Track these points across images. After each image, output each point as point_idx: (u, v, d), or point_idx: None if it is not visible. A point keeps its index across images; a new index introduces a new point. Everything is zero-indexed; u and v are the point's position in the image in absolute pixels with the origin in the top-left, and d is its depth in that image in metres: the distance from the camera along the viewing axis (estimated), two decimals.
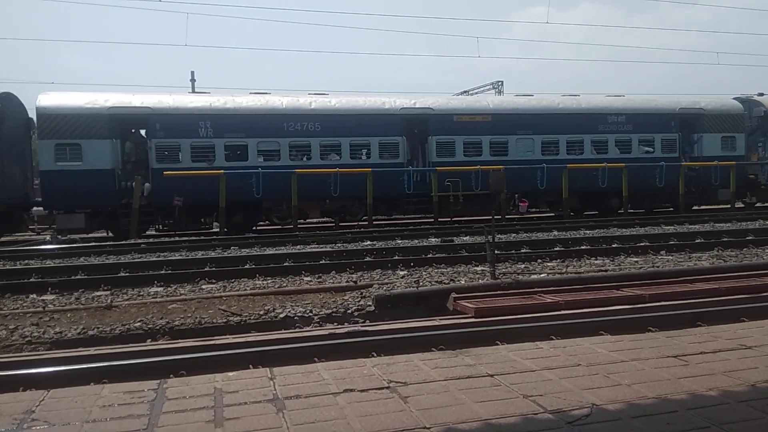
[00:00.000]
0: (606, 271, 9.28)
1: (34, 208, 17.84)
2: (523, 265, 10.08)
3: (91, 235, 17.28)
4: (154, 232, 17.77)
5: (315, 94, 19.30)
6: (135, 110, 17.23)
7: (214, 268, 10.06)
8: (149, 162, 17.23)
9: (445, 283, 8.33)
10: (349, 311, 7.23)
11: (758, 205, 22.63)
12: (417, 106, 19.43)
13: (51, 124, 16.44)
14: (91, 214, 16.73)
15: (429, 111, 19.39)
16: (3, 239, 17.24)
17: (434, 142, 19.31)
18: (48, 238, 16.34)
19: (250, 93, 19.03)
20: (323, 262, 10.53)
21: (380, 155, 18.73)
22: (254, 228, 18.42)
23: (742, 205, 22.54)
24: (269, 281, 9.11)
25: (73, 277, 9.53)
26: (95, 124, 16.66)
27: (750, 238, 12.89)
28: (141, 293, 8.46)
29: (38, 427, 2.95)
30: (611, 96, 21.97)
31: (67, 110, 16.63)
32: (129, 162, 17.50)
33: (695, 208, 22.00)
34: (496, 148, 19.64)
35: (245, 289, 8.46)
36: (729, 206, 21.08)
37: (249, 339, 5.61)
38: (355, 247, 12.58)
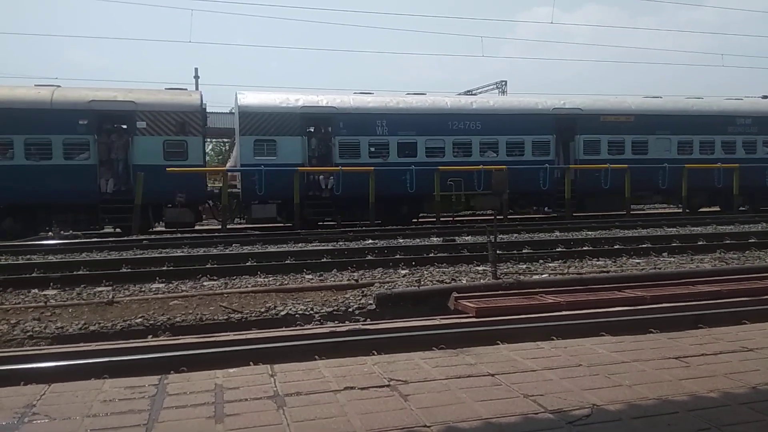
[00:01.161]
0: (608, 272, 9.27)
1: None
2: (524, 266, 10.07)
3: (94, 231, 17.31)
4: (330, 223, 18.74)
5: (413, 94, 20.31)
6: (322, 110, 18.70)
7: (215, 265, 10.07)
8: (333, 157, 18.65)
9: (446, 283, 8.33)
10: (350, 309, 7.23)
11: None
12: (566, 106, 20.69)
13: (251, 121, 17.94)
14: (280, 205, 18.01)
15: (578, 111, 20.64)
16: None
17: (581, 141, 20.56)
18: (51, 233, 16.36)
19: (407, 94, 20.29)
20: (325, 260, 10.53)
21: (533, 153, 20.04)
22: (414, 221, 19.72)
23: None
24: (271, 279, 9.12)
25: (74, 273, 9.53)
26: (289, 122, 18.19)
27: (752, 240, 12.86)
28: (143, 289, 8.47)
29: (39, 421, 2.96)
30: (731, 99, 23.22)
31: (265, 109, 18.19)
32: (314, 157, 18.97)
33: None
34: (637, 147, 20.90)
35: (247, 287, 8.47)
36: None
37: (250, 336, 5.62)
38: (356, 246, 12.59)
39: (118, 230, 17.44)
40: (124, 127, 17.73)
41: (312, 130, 19.22)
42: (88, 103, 16.91)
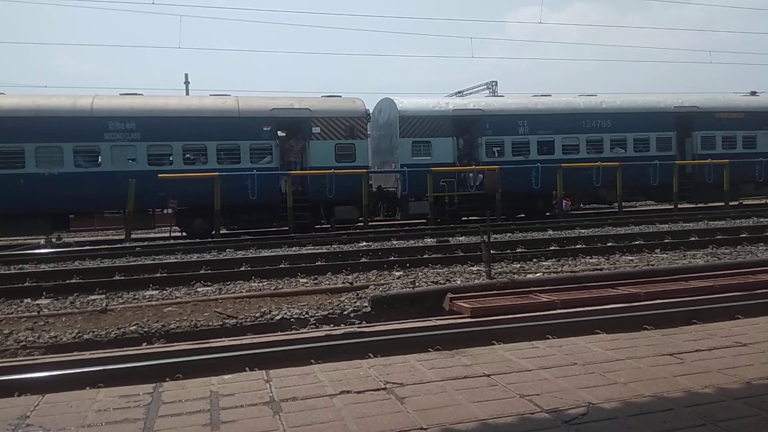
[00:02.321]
0: (601, 269, 9.30)
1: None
2: (518, 265, 10.09)
3: (88, 239, 17.22)
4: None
5: (541, 95, 21.60)
6: (471, 112, 20.29)
7: (209, 271, 10.03)
8: (479, 156, 20.05)
9: (441, 284, 8.33)
10: (346, 312, 7.22)
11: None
12: (685, 104, 21.88)
13: (409, 125, 19.39)
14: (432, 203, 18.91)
15: (695, 109, 21.85)
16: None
17: (699, 137, 21.88)
18: (42, 242, 16.28)
19: (533, 96, 21.51)
20: (319, 263, 10.52)
21: (657, 148, 21.27)
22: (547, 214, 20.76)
23: None
24: (265, 283, 9.10)
25: (67, 281, 9.49)
26: (442, 125, 19.66)
27: (744, 235, 12.95)
28: (136, 296, 8.43)
29: None
30: None
31: (421, 113, 19.59)
32: (463, 156, 20.38)
33: None
34: (746, 141, 22.23)
35: (241, 292, 8.45)
36: None
37: (245, 341, 5.60)
38: (350, 248, 12.57)
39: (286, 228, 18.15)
40: (280, 132, 19.05)
41: (461, 131, 20.57)
42: (270, 111, 18.29)
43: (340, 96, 19.71)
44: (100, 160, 16.95)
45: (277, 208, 17.98)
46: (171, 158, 17.44)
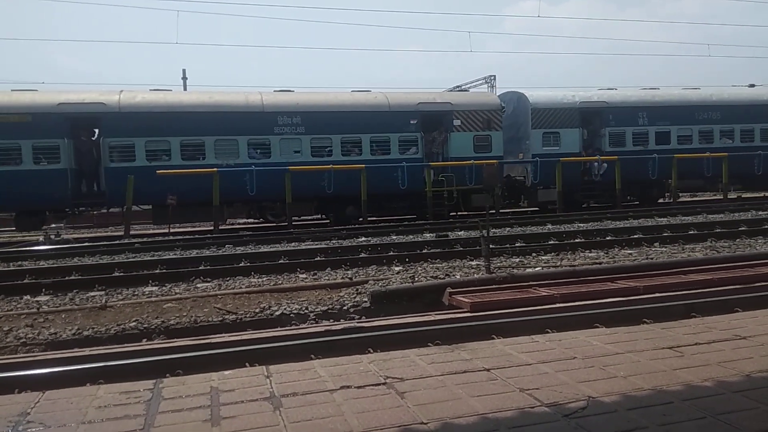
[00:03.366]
0: (600, 263, 9.31)
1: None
2: (517, 259, 10.10)
3: (85, 235, 17.21)
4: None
5: (649, 89, 22.45)
6: (596, 104, 21.00)
7: (209, 267, 10.04)
8: (602, 146, 20.83)
9: (440, 278, 8.34)
10: (345, 308, 7.23)
11: None
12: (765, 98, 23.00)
13: (540, 117, 20.30)
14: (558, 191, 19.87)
15: None
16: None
17: None
18: (41, 239, 16.27)
19: (642, 89, 22.29)
20: (318, 259, 10.52)
21: (741, 140, 22.09)
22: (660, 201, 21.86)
23: None
24: (264, 279, 9.10)
25: (67, 278, 9.48)
26: (569, 116, 20.60)
27: (743, 228, 12.95)
28: (136, 293, 8.43)
29: (34, 429, 2.94)
30: None
31: (550, 105, 20.49)
32: (588, 147, 21.04)
33: None
34: None
35: (240, 288, 8.45)
36: None
37: (245, 337, 5.61)
38: (350, 244, 12.58)
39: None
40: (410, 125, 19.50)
41: (586, 122, 21.33)
42: (417, 105, 19.28)
43: (369, 90, 20.21)
44: (270, 152, 17.96)
45: (423, 197, 18.90)
46: (331, 150, 18.43)
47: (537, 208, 20.68)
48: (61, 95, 16.96)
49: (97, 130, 17.08)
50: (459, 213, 19.48)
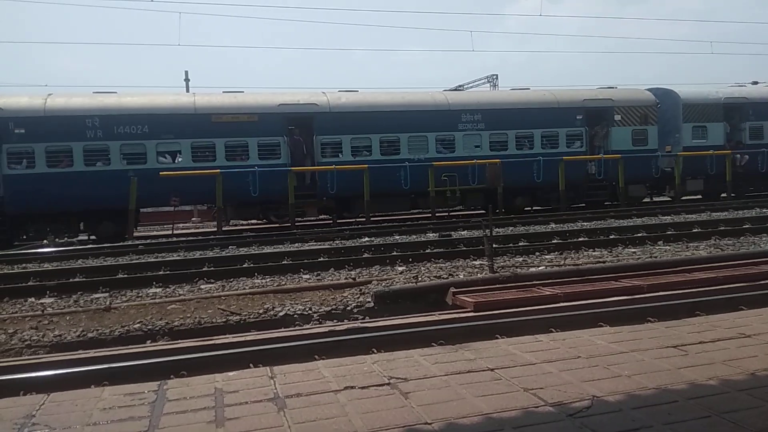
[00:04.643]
0: (604, 262, 9.29)
1: None
2: (521, 259, 10.09)
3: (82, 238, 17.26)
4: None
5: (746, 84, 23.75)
6: (738, 100, 22.13)
7: (212, 268, 10.05)
8: (743, 139, 22.06)
9: (443, 278, 8.33)
10: (349, 308, 7.23)
11: None
12: None
13: (690, 111, 21.45)
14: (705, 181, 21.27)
15: None
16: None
17: None
18: (45, 241, 16.31)
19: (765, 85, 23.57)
20: (322, 259, 10.52)
21: None
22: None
23: None
24: (268, 280, 9.11)
25: (71, 280, 9.51)
26: (714, 111, 21.71)
27: (747, 226, 12.92)
28: (140, 294, 8.44)
29: None
30: None
31: (699, 101, 21.57)
32: (731, 140, 22.01)
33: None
34: None
35: (244, 288, 8.46)
36: None
37: (248, 338, 5.61)
38: (353, 244, 12.57)
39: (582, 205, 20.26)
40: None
41: (728, 116, 22.21)
42: (582, 101, 20.61)
43: (527, 89, 21.49)
44: (454, 147, 19.25)
45: (583, 188, 20.30)
46: (507, 144, 19.68)
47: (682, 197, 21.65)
48: (280, 97, 18.69)
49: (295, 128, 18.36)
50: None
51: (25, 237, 16.74)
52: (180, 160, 17.26)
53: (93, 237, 17.11)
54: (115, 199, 16.19)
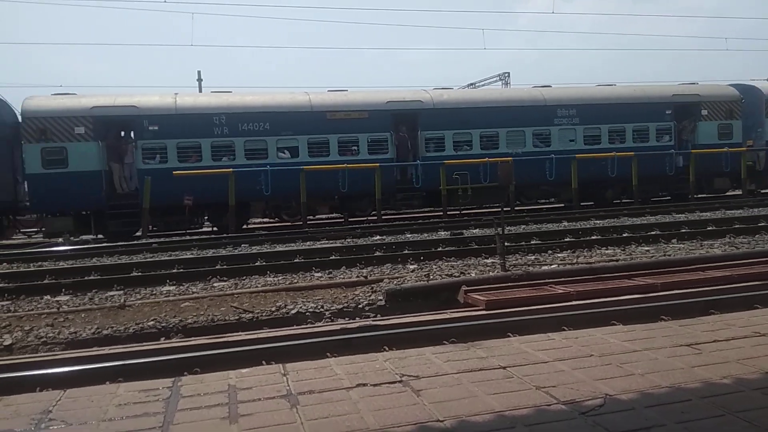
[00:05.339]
0: (617, 260, 9.24)
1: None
2: (533, 257, 10.05)
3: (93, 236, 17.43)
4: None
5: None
6: None
7: (225, 266, 10.10)
8: None
9: (455, 276, 8.33)
10: (360, 306, 7.24)
11: None
12: None
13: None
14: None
15: None
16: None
17: None
18: (61, 240, 16.49)
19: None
20: (333, 257, 10.55)
21: None
22: None
23: None
24: (280, 278, 9.15)
25: (86, 278, 9.60)
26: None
27: (762, 224, 12.78)
28: (154, 292, 8.52)
29: (55, 427, 2.99)
30: None
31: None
32: None
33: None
34: None
35: (256, 286, 8.50)
36: None
37: (261, 336, 5.65)
38: (365, 242, 12.59)
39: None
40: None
41: None
42: (671, 96, 21.37)
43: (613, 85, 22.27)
44: (550, 141, 20.05)
45: (672, 180, 20.88)
46: (600, 138, 20.52)
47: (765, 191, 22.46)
48: (388, 94, 19.57)
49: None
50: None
51: (155, 228, 17.53)
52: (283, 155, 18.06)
53: (101, 236, 17.34)
54: (239, 192, 16.82)
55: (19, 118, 16.85)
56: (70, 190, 16.20)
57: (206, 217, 18.31)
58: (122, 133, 18.01)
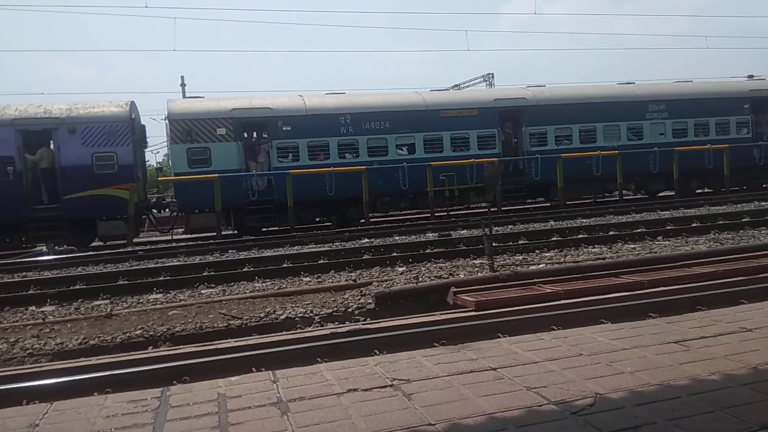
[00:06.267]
0: (604, 259, 9.30)
1: None
2: (521, 257, 10.09)
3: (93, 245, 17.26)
4: None
5: None
6: None
7: (212, 273, 10.05)
8: None
9: (444, 278, 8.34)
10: (350, 310, 7.23)
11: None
12: None
13: None
14: None
15: None
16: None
17: None
18: (44, 249, 16.31)
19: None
20: (322, 261, 10.52)
21: None
22: None
23: None
24: (268, 283, 9.10)
25: (71, 288, 9.50)
26: None
27: (746, 220, 12.94)
28: (141, 300, 8.44)
29: None
30: None
31: None
32: None
33: None
34: None
35: (245, 293, 8.46)
36: None
37: (250, 342, 5.61)
38: (353, 246, 12.58)
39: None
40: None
41: None
42: (749, 92, 22.64)
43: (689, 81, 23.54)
44: (642, 135, 21.16)
45: (750, 172, 22.10)
46: (686, 132, 21.57)
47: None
48: (495, 92, 21.00)
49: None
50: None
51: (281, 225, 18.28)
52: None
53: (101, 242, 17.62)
54: (361, 188, 17.72)
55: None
56: (213, 188, 16.73)
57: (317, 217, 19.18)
58: (254, 134, 19.07)
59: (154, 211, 19.50)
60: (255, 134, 19.01)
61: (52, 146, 17.36)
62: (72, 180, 16.76)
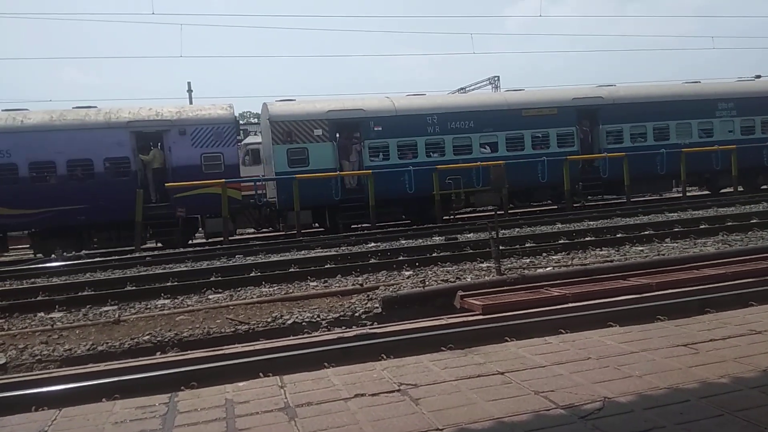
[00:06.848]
0: (611, 261, 9.25)
1: None
2: (528, 260, 10.06)
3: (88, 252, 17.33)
4: None
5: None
6: None
7: (220, 278, 10.06)
8: None
9: (451, 282, 8.31)
10: (357, 314, 7.22)
11: None
12: None
13: None
14: None
15: None
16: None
17: None
18: (53, 255, 16.39)
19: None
20: (328, 266, 10.52)
21: None
22: None
23: None
24: (275, 288, 9.11)
25: (79, 294, 9.53)
26: None
27: (754, 221, 12.84)
28: (148, 306, 8.46)
29: None
30: None
31: None
32: None
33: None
34: None
35: (252, 297, 8.47)
36: None
37: (258, 347, 5.60)
38: (359, 250, 12.57)
39: None
40: None
41: None
42: None
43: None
44: (713, 133, 21.62)
45: None
46: (754, 129, 22.07)
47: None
48: (573, 91, 21.22)
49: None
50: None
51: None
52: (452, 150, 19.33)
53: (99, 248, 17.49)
54: (442, 187, 18.30)
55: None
56: (311, 187, 17.50)
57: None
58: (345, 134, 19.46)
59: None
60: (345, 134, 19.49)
61: (160, 147, 18.10)
62: (182, 179, 17.29)
